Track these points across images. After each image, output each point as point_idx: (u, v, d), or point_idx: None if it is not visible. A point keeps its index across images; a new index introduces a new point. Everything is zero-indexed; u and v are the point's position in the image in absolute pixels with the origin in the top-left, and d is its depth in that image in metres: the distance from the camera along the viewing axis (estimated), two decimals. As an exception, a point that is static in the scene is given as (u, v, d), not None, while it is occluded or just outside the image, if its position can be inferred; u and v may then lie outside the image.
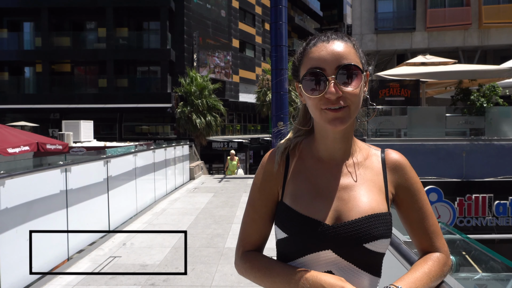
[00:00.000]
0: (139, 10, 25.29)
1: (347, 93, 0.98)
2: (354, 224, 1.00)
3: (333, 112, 0.99)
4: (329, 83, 0.98)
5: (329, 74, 0.98)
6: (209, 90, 21.26)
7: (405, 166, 1.12)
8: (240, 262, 1.14)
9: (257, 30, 35.80)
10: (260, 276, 1.07)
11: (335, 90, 0.97)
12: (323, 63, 1.00)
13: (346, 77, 0.99)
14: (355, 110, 1.02)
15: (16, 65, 26.00)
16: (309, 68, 1.02)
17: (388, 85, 10.09)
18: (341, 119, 0.99)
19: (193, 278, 4.17)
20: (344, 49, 1.01)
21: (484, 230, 8.51)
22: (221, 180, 11.93)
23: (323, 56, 1.01)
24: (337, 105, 0.98)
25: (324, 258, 1.00)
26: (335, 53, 1.00)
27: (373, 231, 0.99)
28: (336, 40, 1.03)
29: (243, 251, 1.16)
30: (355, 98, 1.00)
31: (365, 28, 20.86)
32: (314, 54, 1.02)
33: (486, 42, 20.03)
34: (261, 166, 1.17)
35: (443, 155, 9.14)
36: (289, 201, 1.07)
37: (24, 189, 4.04)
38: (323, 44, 1.02)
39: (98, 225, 5.70)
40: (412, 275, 0.99)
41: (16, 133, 9.35)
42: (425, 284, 0.98)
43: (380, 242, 1.00)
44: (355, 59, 1.02)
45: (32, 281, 3.95)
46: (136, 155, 7.40)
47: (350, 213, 1.02)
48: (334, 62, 0.99)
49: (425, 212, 1.09)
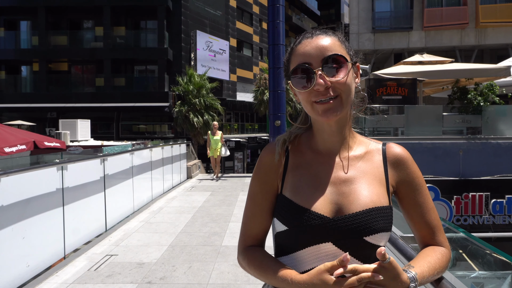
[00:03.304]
0: (136, 9, 25.23)
1: (335, 83, 1.00)
2: (355, 217, 1.00)
3: (323, 104, 1.00)
4: (316, 75, 1.00)
5: (315, 67, 1.01)
6: (206, 89, 21.23)
7: (406, 160, 1.12)
8: (241, 258, 1.16)
9: (254, 29, 35.79)
10: (258, 275, 1.08)
11: (322, 81, 0.99)
12: (308, 57, 1.03)
13: (333, 68, 1.01)
14: (347, 99, 1.03)
15: (13, 64, 25.91)
16: (296, 64, 1.04)
17: (386, 84, 10.09)
18: (333, 110, 1.01)
19: (190, 276, 4.17)
20: (328, 42, 1.04)
21: (481, 229, 8.54)
22: (218, 178, 11.92)
23: (308, 51, 1.03)
24: (328, 96, 1.00)
25: (324, 251, 1.00)
26: (319, 46, 1.03)
27: (374, 224, 0.99)
28: (320, 35, 1.06)
29: (244, 246, 1.17)
30: (344, 87, 1.01)
31: (362, 27, 20.89)
32: (300, 50, 1.05)
33: (483, 41, 20.09)
34: (260, 160, 1.17)
35: (440, 153, 9.15)
36: (289, 193, 1.07)
37: (20, 187, 4.02)
38: (308, 40, 1.06)
39: (95, 224, 5.68)
40: (423, 266, 1.00)
41: (13, 132, 9.31)
42: (431, 277, 1.00)
43: (380, 235, 1.00)
44: (340, 50, 1.04)
45: (29, 279, 3.94)
46: (133, 154, 7.39)
47: (351, 206, 1.02)
48: (319, 55, 1.02)
49: (427, 206, 1.10)
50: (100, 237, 5.56)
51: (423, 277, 0.97)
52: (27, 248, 4.05)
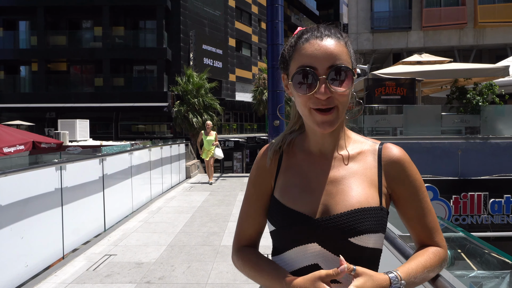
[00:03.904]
0: (135, 9, 25.24)
1: (336, 94, 0.98)
2: (339, 218, 0.98)
3: (322, 115, 0.99)
4: (320, 83, 0.97)
5: (321, 74, 0.97)
6: (205, 89, 21.25)
7: (403, 161, 1.07)
8: (235, 258, 1.18)
9: (253, 29, 35.80)
10: (252, 275, 1.10)
11: (325, 90, 0.96)
12: (315, 61, 0.98)
13: (337, 78, 0.98)
14: (343, 111, 1.01)
15: (12, 64, 25.90)
16: (300, 65, 1.00)
17: (384, 83, 10.09)
18: (330, 123, 0.99)
19: (189, 276, 4.16)
20: (337, 48, 0.99)
21: (479, 228, 8.54)
22: (217, 178, 11.92)
23: (316, 54, 0.98)
24: (326, 106, 0.98)
25: (311, 251, 1.00)
26: (328, 52, 0.98)
27: (359, 225, 0.97)
28: (329, 38, 1.00)
29: (238, 247, 1.19)
30: (343, 99, 1.00)
31: (361, 27, 20.90)
32: (307, 51, 1.00)
33: (481, 41, 20.12)
34: (256, 162, 1.19)
35: (439, 153, 9.15)
36: (278, 194, 1.08)
37: (19, 187, 4.02)
38: (316, 42, 1.00)
39: (94, 223, 5.67)
40: (409, 265, 0.99)
41: (12, 132, 9.31)
42: (420, 274, 0.98)
43: (366, 237, 0.98)
44: (347, 59, 1.01)
45: (27, 279, 3.93)
46: (132, 154, 7.38)
47: (336, 206, 1.01)
48: (327, 62, 0.97)
49: (424, 209, 1.06)
50: (99, 237, 5.55)
51: (409, 274, 0.95)
52: (26, 248, 4.04)
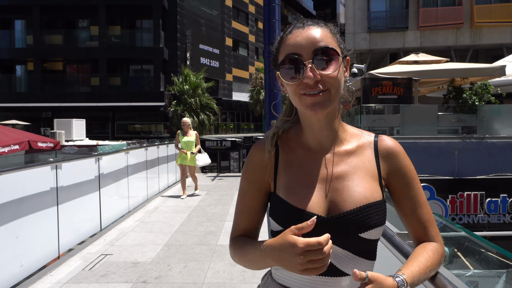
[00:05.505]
0: (132, 8, 25.16)
1: (325, 77, 0.98)
2: (349, 216, 0.99)
3: (312, 97, 0.98)
4: (306, 67, 0.97)
5: (306, 59, 0.98)
6: (202, 89, 21.21)
7: (398, 153, 1.09)
8: (230, 250, 1.18)
9: (250, 29, 35.79)
10: (242, 259, 1.10)
11: (312, 74, 0.96)
12: (299, 48, 0.99)
13: (323, 61, 0.98)
14: (335, 94, 1.01)
15: (8, 63, 25.77)
16: (286, 54, 1.01)
17: (381, 83, 10.10)
18: (321, 104, 0.99)
19: (185, 275, 4.15)
20: (320, 34, 1.01)
21: (476, 228, 8.55)
22: (214, 178, 11.90)
23: (299, 41, 1.00)
24: (316, 90, 0.98)
25: None
26: (310, 37, 1.00)
27: (368, 221, 0.99)
28: (311, 26, 1.02)
29: (232, 238, 1.19)
30: (334, 81, 0.99)
31: (358, 27, 20.93)
32: (290, 40, 1.02)
33: (478, 41, 20.18)
34: (249, 158, 1.16)
35: (435, 153, 9.17)
36: (282, 193, 1.06)
37: (14, 186, 3.99)
38: (299, 31, 1.02)
39: (90, 223, 5.64)
40: (413, 267, 0.98)
41: (7, 132, 9.25)
42: (423, 275, 0.99)
43: (375, 231, 1.00)
44: (332, 42, 1.01)
45: (22, 279, 3.90)
46: (128, 153, 7.34)
47: (344, 204, 1.01)
48: (310, 47, 0.99)
49: (419, 200, 1.08)
50: (95, 237, 5.52)
51: (414, 277, 0.95)
52: (21, 248, 4.01)
